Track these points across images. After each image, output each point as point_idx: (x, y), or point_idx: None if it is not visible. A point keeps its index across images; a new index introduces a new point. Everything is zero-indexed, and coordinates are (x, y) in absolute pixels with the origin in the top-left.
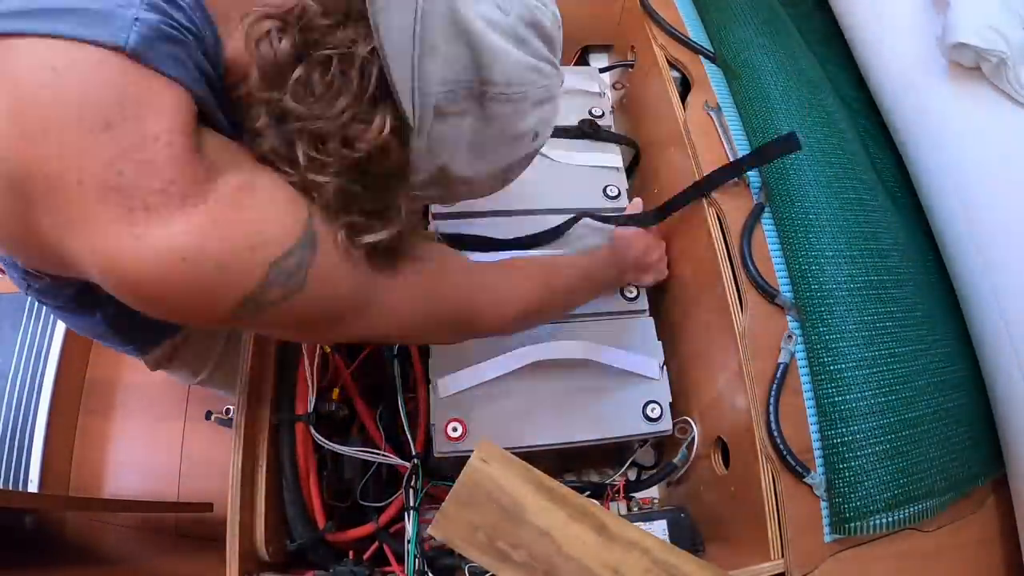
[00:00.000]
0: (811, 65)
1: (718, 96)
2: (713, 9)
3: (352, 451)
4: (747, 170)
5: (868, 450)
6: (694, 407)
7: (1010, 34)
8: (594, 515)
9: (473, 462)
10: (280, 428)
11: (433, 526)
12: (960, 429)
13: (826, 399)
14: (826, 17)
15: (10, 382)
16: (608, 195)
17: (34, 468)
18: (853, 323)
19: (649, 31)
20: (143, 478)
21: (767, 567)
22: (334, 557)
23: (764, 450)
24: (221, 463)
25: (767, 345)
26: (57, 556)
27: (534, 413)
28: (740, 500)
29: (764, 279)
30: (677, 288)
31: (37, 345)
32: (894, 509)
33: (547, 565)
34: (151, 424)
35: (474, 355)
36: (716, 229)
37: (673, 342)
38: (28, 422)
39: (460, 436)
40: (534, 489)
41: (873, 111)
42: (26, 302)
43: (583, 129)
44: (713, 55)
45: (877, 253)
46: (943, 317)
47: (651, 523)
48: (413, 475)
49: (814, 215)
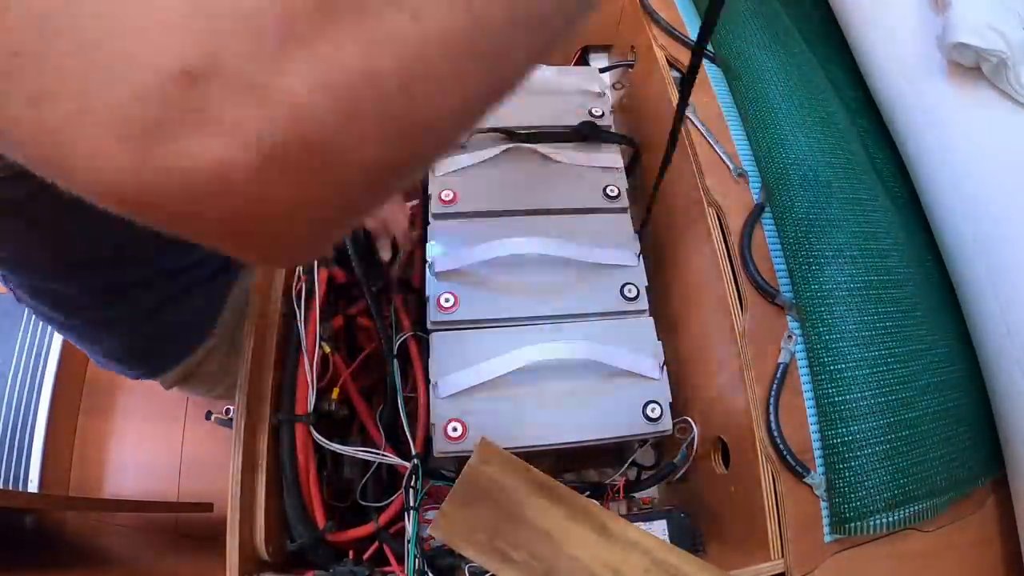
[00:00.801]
0: (811, 65)
1: (718, 96)
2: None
3: (351, 451)
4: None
5: (868, 450)
6: (694, 407)
7: (1010, 34)
8: (594, 515)
9: (473, 462)
10: (280, 428)
11: (433, 526)
12: (960, 429)
13: (826, 399)
14: (826, 17)
15: (10, 382)
16: (608, 195)
17: (34, 468)
18: (853, 323)
19: (649, 31)
20: (143, 478)
21: (767, 567)
22: (334, 557)
23: (764, 450)
24: (221, 463)
25: (767, 345)
26: (57, 556)
27: (534, 413)
28: (740, 500)
29: (764, 279)
30: (676, 288)
31: (37, 345)
32: (894, 509)
33: (547, 565)
34: (151, 424)
35: (475, 356)
36: (716, 229)
37: (672, 342)
38: (28, 422)
39: (460, 436)
40: (534, 489)
41: (873, 111)
42: None
43: (582, 132)
44: (713, 55)
45: (877, 253)
46: (943, 317)
47: (651, 523)
48: (413, 475)
49: (814, 215)
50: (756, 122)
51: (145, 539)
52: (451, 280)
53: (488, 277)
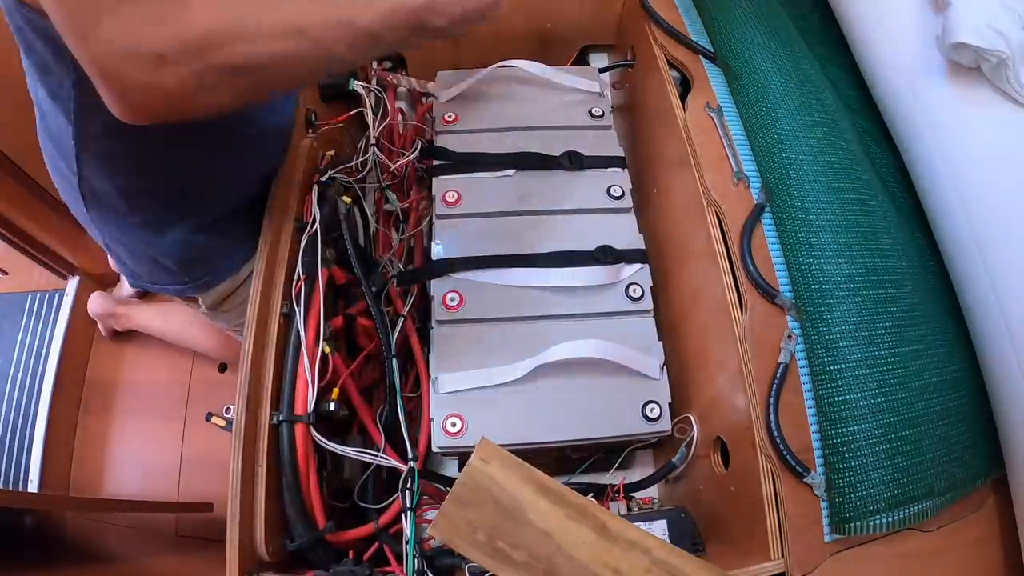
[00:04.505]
0: (811, 65)
1: (718, 96)
2: (713, 9)
3: (349, 451)
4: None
5: (868, 450)
6: (694, 407)
7: (1010, 34)
8: (594, 515)
9: (473, 462)
10: (280, 428)
11: (433, 526)
12: (960, 429)
13: (826, 399)
14: (826, 17)
15: (10, 382)
16: (612, 195)
17: (34, 468)
18: (853, 323)
19: (649, 31)
20: (143, 478)
21: (767, 567)
22: (334, 557)
23: (764, 450)
24: (221, 463)
25: (767, 345)
26: (57, 556)
27: (533, 411)
28: (740, 500)
29: (764, 279)
30: (676, 288)
31: (37, 345)
32: (894, 509)
33: (547, 565)
34: (151, 424)
35: (477, 352)
36: (716, 229)
37: (672, 342)
38: (28, 422)
39: (459, 431)
40: (534, 489)
41: (873, 111)
42: (26, 302)
43: (562, 164)
44: (713, 55)
45: (877, 253)
46: (943, 317)
47: (651, 523)
48: (409, 477)
49: (814, 215)
50: (756, 122)
51: (145, 539)
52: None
53: (492, 276)
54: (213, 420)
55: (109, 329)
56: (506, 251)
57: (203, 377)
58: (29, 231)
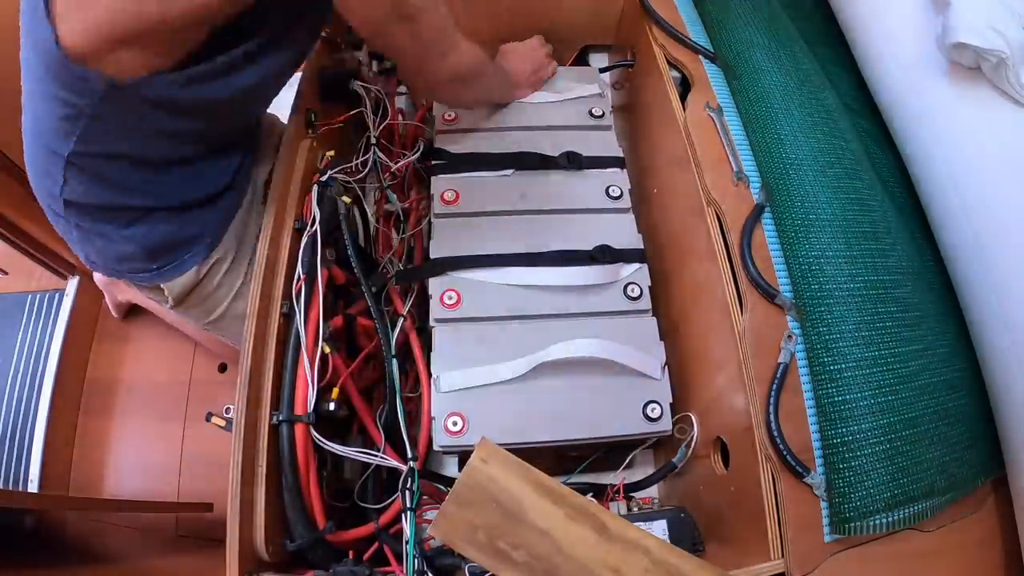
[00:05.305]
0: (811, 65)
1: (718, 96)
2: (713, 9)
3: (349, 451)
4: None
5: (868, 450)
6: (694, 407)
7: (1010, 34)
8: (594, 515)
9: (473, 462)
10: (280, 428)
11: (433, 526)
12: (960, 429)
13: (826, 399)
14: (826, 17)
15: (10, 382)
16: (611, 195)
17: (34, 468)
18: (853, 323)
19: (649, 31)
20: (143, 478)
21: (767, 567)
22: (334, 557)
23: (764, 450)
24: (221, 463)
25: (767, 345)
26: (57, 556)
27: (534, 410)
28: (740, 500)
29: (764, 279)
30: (676, 288)
31: (37, 345)
32: (894, 509)
33: (547, 565)
34: (151, 424)
35: (477, 351)
36: (716, 229)
37: (673, 342)
38: (28, 422)
39: (460, 430)
40: (534, 489)
41: (873, 111)
42: (26, 302)
43: (561, 164)
44: (713, 55)
45: (877, 253)
46: (943, 317)
47: (651, 523)
48: (409, 477)
49: (814, 215)
50: (756, 122)
51: (145, 539)
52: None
53: (490, 275)
54: (213, 420)
55: (115, 300)
56: (505, 250)
57: (203, 377)
58: (29, 231)
